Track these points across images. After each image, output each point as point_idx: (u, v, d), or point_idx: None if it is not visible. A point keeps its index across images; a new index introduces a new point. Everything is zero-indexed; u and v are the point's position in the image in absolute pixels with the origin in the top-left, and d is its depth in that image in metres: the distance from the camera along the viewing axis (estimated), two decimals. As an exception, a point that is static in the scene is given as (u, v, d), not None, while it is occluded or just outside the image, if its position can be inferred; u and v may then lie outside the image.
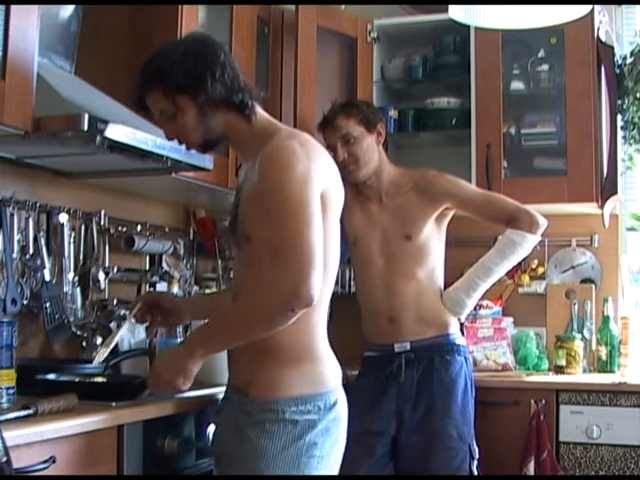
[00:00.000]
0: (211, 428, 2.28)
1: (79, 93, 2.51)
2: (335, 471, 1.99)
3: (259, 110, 2.00)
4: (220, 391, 2.27)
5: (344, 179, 2.03)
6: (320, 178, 1.84)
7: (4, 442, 1.58)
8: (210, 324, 1.97)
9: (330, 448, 1.92)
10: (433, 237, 2.91)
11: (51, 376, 2.25)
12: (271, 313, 1.78)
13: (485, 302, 3.60)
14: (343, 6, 3.80)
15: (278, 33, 3.51)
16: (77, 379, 2.31)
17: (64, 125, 2.24)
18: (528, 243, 2.90)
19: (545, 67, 3.62)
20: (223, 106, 1.93)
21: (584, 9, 2.72)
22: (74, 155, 2.53)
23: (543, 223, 2.90)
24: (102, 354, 2.16)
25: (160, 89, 1.92)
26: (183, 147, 2.03)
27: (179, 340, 2.81)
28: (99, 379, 2.35)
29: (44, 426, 1.78)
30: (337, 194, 1.95)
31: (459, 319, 2.97)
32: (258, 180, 1.85)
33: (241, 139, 1.99)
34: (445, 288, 2.96)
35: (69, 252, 2.80)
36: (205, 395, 2.30)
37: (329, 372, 1.95)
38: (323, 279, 1.83)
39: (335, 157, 2.79)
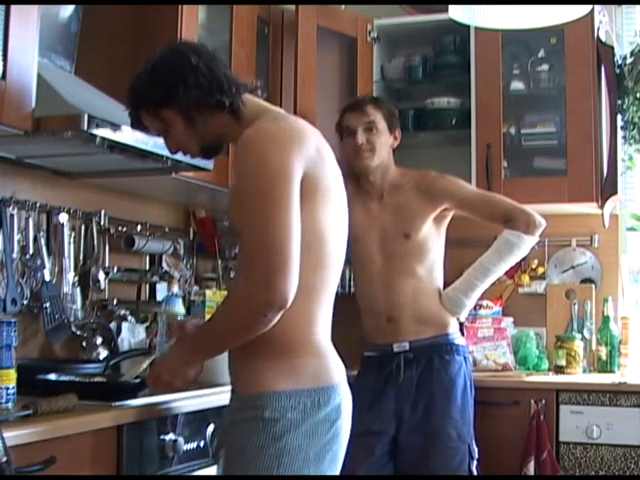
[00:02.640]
0: (211, 428, 2.28)
1: (79, 93, 2.51)
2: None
3: (251, 101, 1.94)
4: (220, 391, 2.28)
5: (346, 175, 2.01)
6: (300, 162, 1.76)
7: (4, 442, 1.58)
8: (201, 330, 1.97)
9: (319, 452, 1.81)
10: (432, 236, 2.91)
11: (51, 376, 2.25)
12: (245, 322, 1.75)
13: (485, 302, 3.60)
14: (343, 6, 3.80)
15: (278, 33, 3.51)
16: (77, 379, 2.31)
17: (64, 125, 2.25)
18: (525, 244, 2.89)
19: (545, 67, 3.63)
20: (206, 109, 1.90)
21: (584, 9, 2.72)
22: (74, 155, 2.54)
23: (540, 223, 2.89)
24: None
25: (144, 110, 1.95)
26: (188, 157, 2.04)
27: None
28: (99, 379, 2.35)
29: (44, 426, 1.78)
30: (329, 174, 1.87)
31: (458, 319, 2.97)
32: (234, 171, 1.84)
33: (237, 136, 1.91)
34: (444, 288, 2.96)
35: (69, 252, 2.80)
36: (205, 395, 2.30)
37: (323, 367, 1.86)
38: (320, 267, 1.82)
39: (353, 141, 2.87)
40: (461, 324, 3.10)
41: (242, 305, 1.74)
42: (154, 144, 2.43)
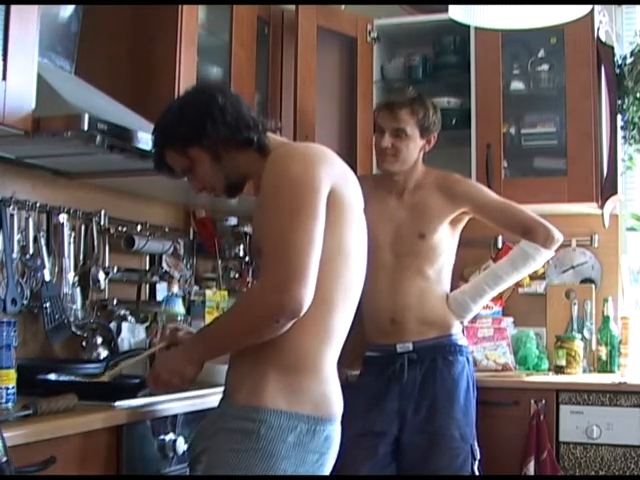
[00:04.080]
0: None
1: (79, 93, 2.52)
2: None
3: (273, 139, 1.99)
4: (220, 391, 2.28)
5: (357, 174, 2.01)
6: (327, 177, 1.80)
7: (4, 442, 1.58)
8: (206, 329, 1.97)
9: None
10: (446, 238, 2.90)
11: (51, 376, 2.25)
12: (256, 324, 1.75)
13: (485, 302, 3.60)
14: (343, 6, 3.80)
15: (278, 33, 3.51)
16: (77, 379, 2.31)
17: (64, 125, 2.25)
18: (541, 257, 2.89)
19: (545, 67, 3.63)
20: (233, 146, 1.94)
21: (584, 9, 2.72)
22: (74, 155, 2.54)
23: (559, 239, 2.89)
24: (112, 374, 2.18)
25: (170, 149, 1.99)
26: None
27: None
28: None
29: (44, 426, 1.78)
30: (352, 194, 1.90)
31: (461, 322, 2.96)
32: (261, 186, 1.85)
33: (262, 172, 1.91)
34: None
35: (69, 252, 2.80)
36: (205, 395, 2.30)
37: (325, 396, 1.84)
38: (341, 282, 1.83)
39: (379, 140, 2.87)
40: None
41: (255, 307, 1.74)
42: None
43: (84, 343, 2.83)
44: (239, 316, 1.80)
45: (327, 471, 1.90)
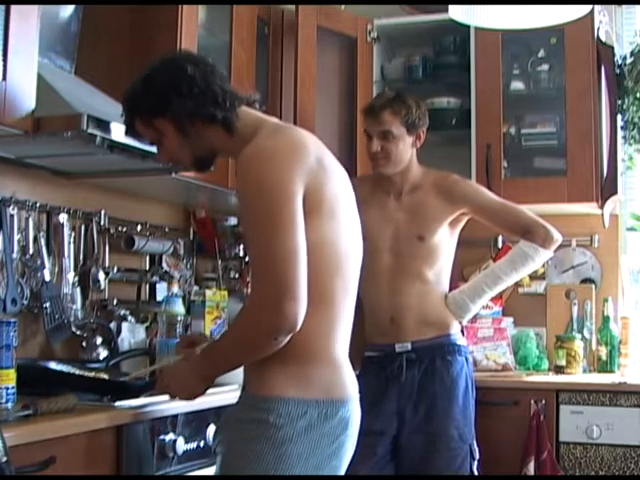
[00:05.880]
0: (211, 428, 2.28)
1: (79, 93, 2.51)
2: None
3: (246, 114, 1.93)
4: (220, 391, 2.27)
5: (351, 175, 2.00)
6: (300, 178, 1.74)
7: (4, 442, 1.58)
8: (212, 348, 1.94)
9: (318, 464, 1.79)
10: (446, 240, 2.91)
11: (52, 364, 2.24)
12: (254, 344, 1.76)
13: (485, 302, 3.60)
14: (343, 6, 3.79)
15: (278, 33, 3.51)
16: (78, 372, 2.31)
17: (64, 125, 2.25)
18: (540, 257, 2.90)
19: (545, 67, 3.63)
20: (199, 120, 1.89)
21: (584, 9, 2.73)
22: (74, 155, 2.54)
23: (558, 239, 2.89)
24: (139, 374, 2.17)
25: (137, 119, 1.95)
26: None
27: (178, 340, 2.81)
28: (102, 375, 2.35)
29: (44, 426, 1.79)
30: (334, 184, 1.84)
31: (460, 322, 2.96)
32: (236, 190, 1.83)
33: (230, 149, 1.92)
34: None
35: (69, 252, 2.80)
36: (205, 395, 2.29)
37: (336, 380, 1.84)
38: (338, 276, 1.82)
39: (369, 146, 2.87)
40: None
41: (251, 329, 1.74)
42: (154, 144, 2.42)
43: (84, 343, 2.83)
44: (238, 338, 1.80)
45: (346, 454, 1.88)
